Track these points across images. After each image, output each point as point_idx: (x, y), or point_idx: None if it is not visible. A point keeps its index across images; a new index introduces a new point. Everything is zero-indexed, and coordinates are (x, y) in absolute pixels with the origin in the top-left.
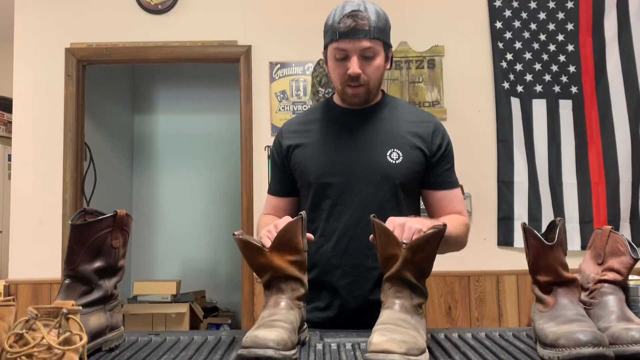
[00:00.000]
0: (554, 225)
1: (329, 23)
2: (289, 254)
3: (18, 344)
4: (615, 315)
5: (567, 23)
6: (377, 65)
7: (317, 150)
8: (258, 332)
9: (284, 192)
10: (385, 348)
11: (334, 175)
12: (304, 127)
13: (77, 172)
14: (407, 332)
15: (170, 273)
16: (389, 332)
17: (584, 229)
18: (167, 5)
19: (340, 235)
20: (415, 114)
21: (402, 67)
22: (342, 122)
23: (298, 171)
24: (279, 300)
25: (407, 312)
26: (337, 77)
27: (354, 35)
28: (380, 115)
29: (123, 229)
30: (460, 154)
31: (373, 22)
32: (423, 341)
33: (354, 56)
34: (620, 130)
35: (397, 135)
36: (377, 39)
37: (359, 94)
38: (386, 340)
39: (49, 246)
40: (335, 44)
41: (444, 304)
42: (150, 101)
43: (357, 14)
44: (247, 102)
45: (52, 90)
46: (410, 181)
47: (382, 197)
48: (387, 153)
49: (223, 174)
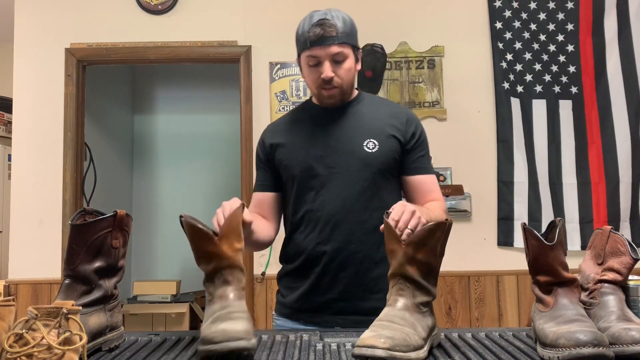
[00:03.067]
0: (554, 225)
1: (299, 33)
2: (236, 241)
3: (18, 344)
4: (615, 315)
5: (567, 23)
6: (348, 68)
7: (299, 145)
8: (223, 325)
9: (268, 187)
10: (371, 343)
11: (316, 167)
12: (286, 127)
13: (77, 172)
14: (402, 329)
15: (170, 273)
16: (380, 328)
17: (584, 229)
18: (167, 5)
19: (325, 223)
20: (389, 106)
21: (402, 67)
22: (320, 119)
23: (283, 166)
24: (227, 292)
25: (407, 309)
26: (312, 82)
27: (324, 42)
28: (356, 110)
29: (123, 229)
30: (460, 154)
31: (340, 28)
32: (419, 339)
33: (326, 61)
34: (620, 130)
35: (372, 126)
36: (345, 44)
37: (333, 95)
38: (373, 335)
39: (49, 246)
40: (307, 52)
41: (444, 304)
42: (150, 101)
43: (325, 22)
44: (247, 102)
45: (52, 90)
46: (388, 168)
47: (362, 184)
48: (363, 143)
49: (223, 174)
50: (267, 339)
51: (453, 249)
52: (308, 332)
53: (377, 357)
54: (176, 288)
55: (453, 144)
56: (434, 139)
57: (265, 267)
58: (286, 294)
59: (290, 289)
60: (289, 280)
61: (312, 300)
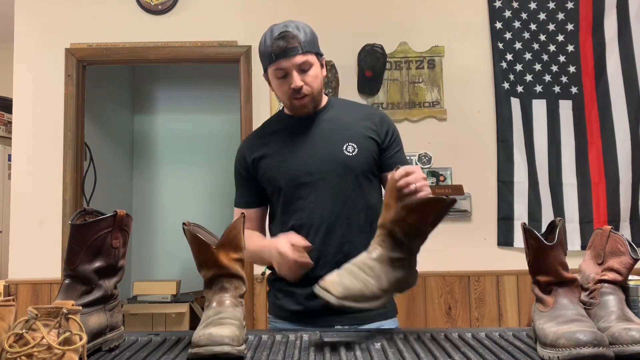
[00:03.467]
0: (554, 225)
1: (262, 49)
2: (233, 251)
3: (18, 344)
4: (615, 315)
5: (567, 23)
6: (315, 75)
7: (280, 157)
8: (211, 330)
9: (253, 204)
10: (328, 287)
11: (301, 176)
12: (263, 140)
13: (77, 172)
14: (365, 279)
15: (170, 273)
16: (346, 274)
17: (584, 229)
18: (167, 5)
19: (317, 230)
20: (361, 108)
21: (402, 67)
22: (296, 129)
23: (266, 179)
24: (223, 298)
25: (381, 261)
26: (282, 94)
27: (288, 53)
28: (329, 116)
29: (123, 229)
30: (460, 154)
31: (302, 38)
32: (377, 290)
33: (293, 71)
34: (620, 130)
35: (348, 130)
36: (308, 52)
37: (306, 104)
38: (335, 281)
39: (49, 246)
40: (274, 65)
41: (444, 304)
42: (150, 101)
43: (286, 34)
44: (247, 102)
45: (52, 90)
46: (369, 169)
47: (347, 187)
48: (343, 147)
49: (223, 174)
50: (267, 339)
51: (453, 249)
52: (308, 332)
53: (328, 302)
54: (176, 288)
55: (453, 144)
56: (434, 139)
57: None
58: (283, 298)
59: (287, 293)
60: (283, 284)
61: (312, 303)
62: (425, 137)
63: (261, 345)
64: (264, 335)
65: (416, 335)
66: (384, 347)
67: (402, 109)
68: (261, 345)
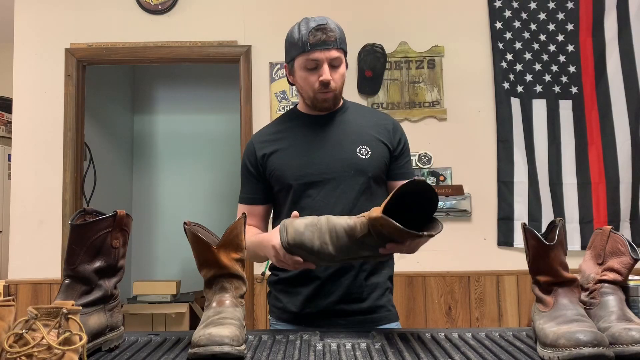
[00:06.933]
0: (554, 225)
1: (296, 37)
2: (234, 251)
3: (18, 344)
4: (615, 316)
5: (567, 23)
6: (342, 73)
7: (291, 154)
8: (210, 330)
9: (258, 200)
10: (288, 228)
11: (312, 175)
12: (274, 136)
13: (77, 172)
14: (326, 243)
15: (170, 273)
16: (316, 230)
17: (584, 229)
18: (167, 5)
19: None
20: (375, 114)
21: (402, 67)
22: (310, 127)
23: (275, 176)
24: (223, 298)
25: (351, 237)
26: (308, 86)
27: (324, 46)
28: (344, 118)
29: (123, 229)
30: (460, 154)
31: (337, 34)
32: (329, 258)
33: (325, 64)
34: (620, 130)
35: (362, 133)
36: (341, 49)
37: (328, 99)
38: (298, 230)
39: (49, 246)
40: (306, 55)
41: (444, 304)
42: (150, 101)
43: (325, 27)
44: (247, 102)
45: (52, 90)
46: (380, 173)
47: (358, 189)
48: (356, 150)
49: (223, 174)
50: (267, 339)
51: (453, 249)
52: (308, 332)
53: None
54: (176, 288)
55: (453, 144)
56: (434, 139)
57: (265, 267)
58: (285, 299)
59: (289, 294)
60: (286, 285)
61: (314, 305)
62: (425, 137)
63: (261, 345)
64: (264, 335)
65: (416, 335)
66: (384, 347)
67: (402, 109)
68: (261, 345)
